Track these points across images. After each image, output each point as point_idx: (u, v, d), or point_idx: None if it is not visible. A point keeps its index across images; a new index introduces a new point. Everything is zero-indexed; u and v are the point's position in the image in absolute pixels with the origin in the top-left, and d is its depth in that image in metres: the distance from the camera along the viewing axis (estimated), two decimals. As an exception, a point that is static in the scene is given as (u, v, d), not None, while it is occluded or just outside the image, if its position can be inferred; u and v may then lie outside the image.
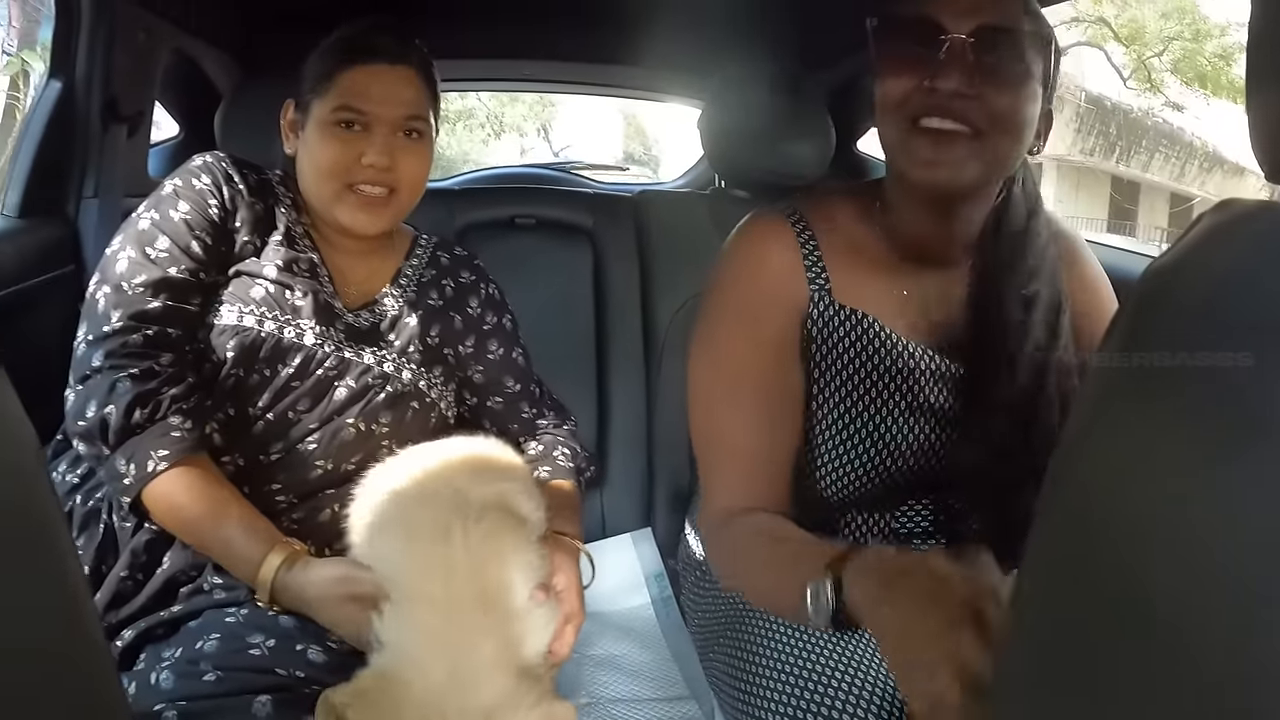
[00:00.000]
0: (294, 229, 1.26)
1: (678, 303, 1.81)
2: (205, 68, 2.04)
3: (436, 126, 1.31)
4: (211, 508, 1.09)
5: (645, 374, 1.82)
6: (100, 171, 1.71)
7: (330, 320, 1.22)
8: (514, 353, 1.39)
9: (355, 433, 1.20)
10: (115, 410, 1.06)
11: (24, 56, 10.86)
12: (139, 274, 1.12)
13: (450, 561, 0.99)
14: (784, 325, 1.12)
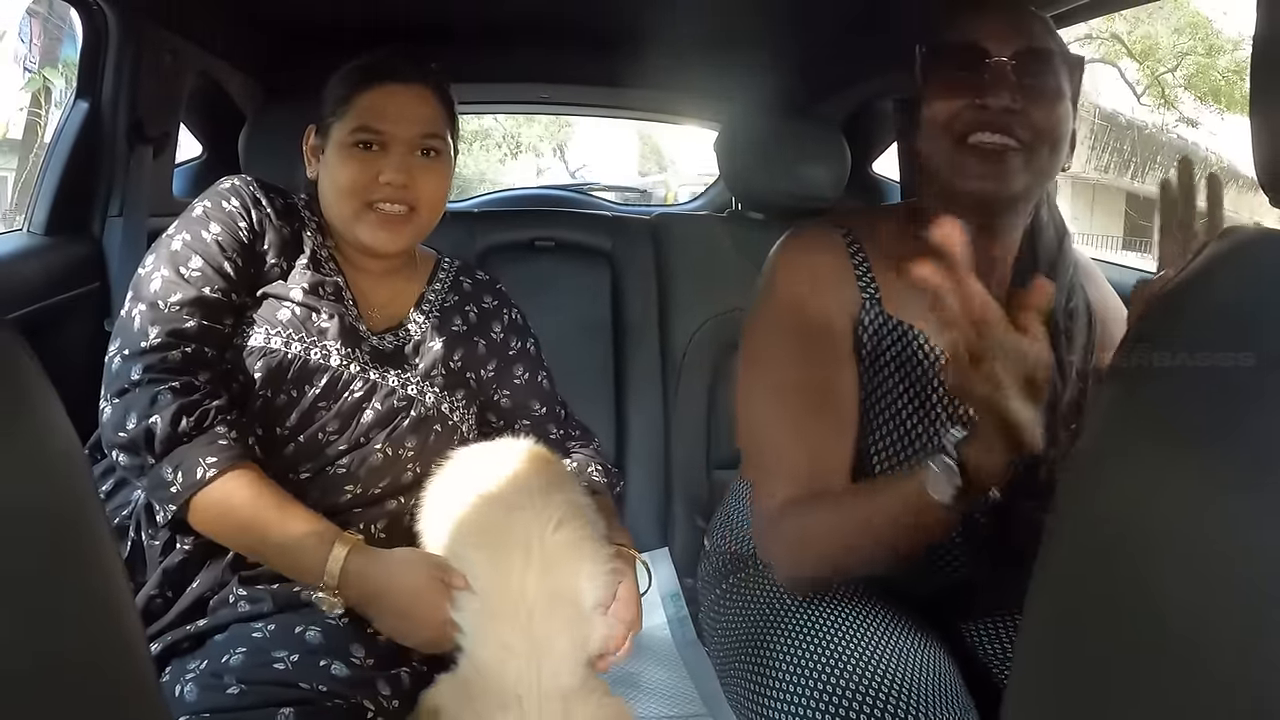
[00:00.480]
0: (319, 252, 1.28)
1: (695, 324, 1.83)
2: (229, 90, 2.06)
3: (455, 147, 1.33)
4: (269, 507, 1.10)
5: (663, 394, 1.83)
6: (126, 191, 1.73)
7: (355, 342, 1.23)
8: (539, 376, 1.41)
9: (383, 457, 1.22)
10: (161, 420, 1.07)
11: (45, 74, 11.01)
12: (174, 293, 1.14)
13: (532, 567, 1.06)
14: (840, 327, 1.14)
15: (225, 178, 1.27)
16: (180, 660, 1.08)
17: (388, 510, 1.24)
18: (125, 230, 1.72)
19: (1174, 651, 0.37)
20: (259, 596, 1.11)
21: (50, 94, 11.33)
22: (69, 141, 1.67)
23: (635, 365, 1.83)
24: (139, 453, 1.08)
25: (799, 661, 1.12)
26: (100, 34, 1.64)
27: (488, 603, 1.06)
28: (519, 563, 1.06)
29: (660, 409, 1.82)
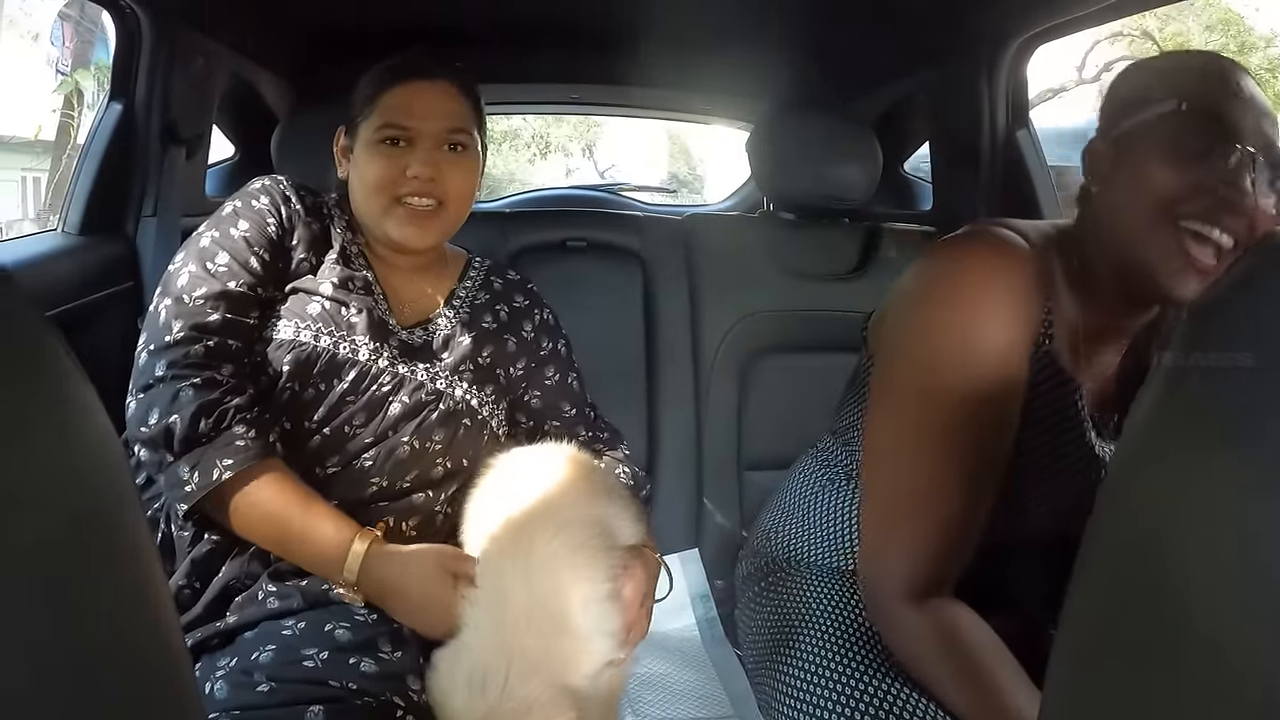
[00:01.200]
0: (349, 248, 1.28)
1: (727, 325, 1.82)
2: (262, 91, 2.08)
3: (483, 143, 1.33)
4: (289, 505, 1.11)
5: (695, 396, 1.82)
6: (159, 192, 1.74)
7: (384, 337, 1.23)
8: (569, 377, 1.41)
9: (410, 450, 1.21)
10: (180, 419, 1.07)
11: (77, 77, 11.15)
12: (199, 287, 1.15)
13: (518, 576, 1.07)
14: (1017, 369, 1.00)
15: (257, 178, 1.28)
16: (210, 657, 1.08)
17: (416, 505, 1.23)
18: (159, 230, 1.74)
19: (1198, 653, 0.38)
20: (288, 593, 1.11)
21: (82, 96, 11.47)
22: (103, 142, 1.68)
23: (666, 366, 1.82)
24: (158, 449, 1.09)
25: (833, 666, 1.10)
26: (133, 37, 1.66)
27: (486, 605, 1.07)
28: (509, 570, 1.08)
29: (692, 410, 1.81)
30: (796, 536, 1.31)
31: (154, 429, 1.08)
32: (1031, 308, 1.00)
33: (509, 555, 1.09)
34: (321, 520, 1.12)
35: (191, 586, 1.13)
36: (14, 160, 13.19)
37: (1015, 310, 0.99)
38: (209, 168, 2.05)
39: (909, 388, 1.03)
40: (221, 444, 1.09)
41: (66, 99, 11.54)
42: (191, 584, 1.13)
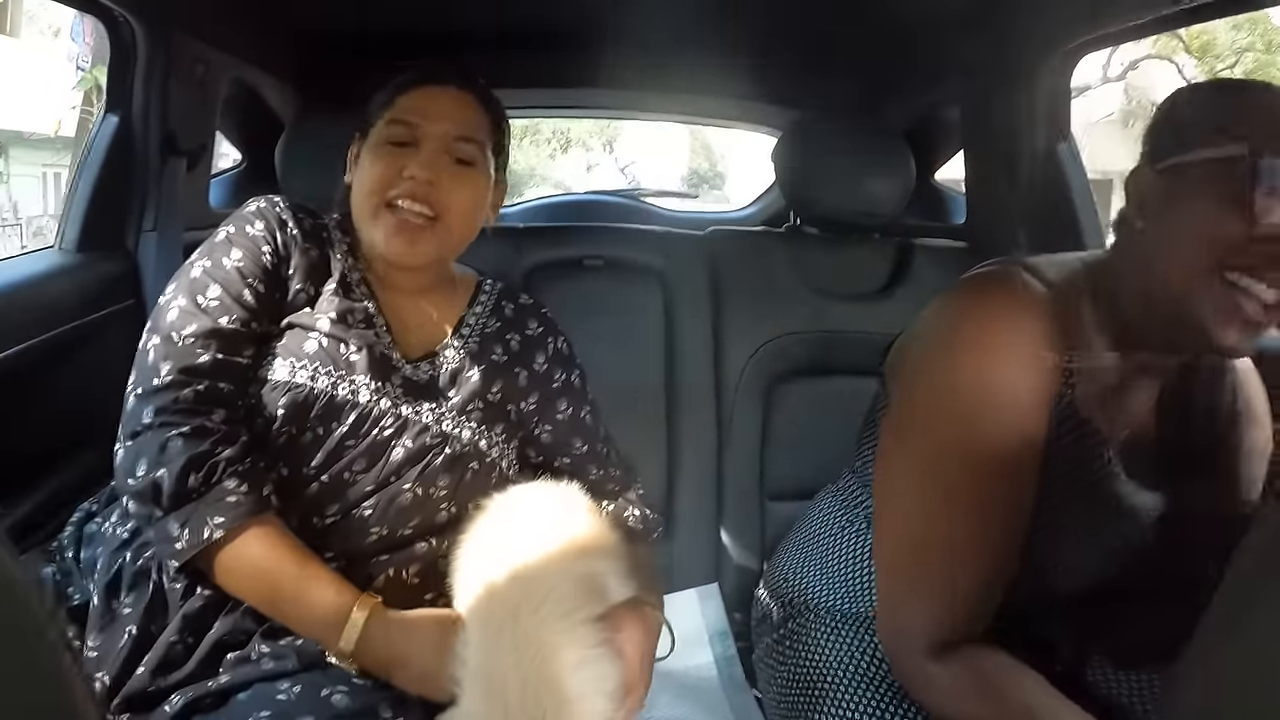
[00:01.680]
0: (349, 276, 1.21)
1: (751, 348, 1.74)
2: (266, 96, 2.03)
3: (500, 164, 1.27)
4: (284, 565, 1.05)
5: (716, 423, 1.74)
6: (160, 205, 1.69)
7: (386, 374, 1.17)
8: (583, 411, 1.34)
9: (412, 497, 1.15)
10: (169, 473, 1.02)
11: (97, 73, 11.20)
12: (189, 324, 1.09)
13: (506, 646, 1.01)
14: (1036, 423, 0.96)
15: (252, 199, 1.21)
16: (203, 718, 1.02)
17: (418, 554, 1.17)
18: (160, 245, 1.69)
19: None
20: (282, 653, 1.05)
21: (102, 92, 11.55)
22: (100, 156, 1.63)
23: (687, 391, 1.75)
24: (147, 503, 1.03)
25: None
26: (128, 47, 1.60)
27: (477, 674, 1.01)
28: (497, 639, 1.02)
29: (713, 436, 1.74)
30: (815, 580, 1.27)
31: (142, 482, 1.02)
32: (1049, 360, 0.96)
33: (496, 622, 1.03)
34: (317, 583, 1.05)
35: (184, 642, 1.06)
36: (35, 156, 13.33)
37: (1031, 364, 0.95)
38: (214, 177, 2.00)
39: (919, 439, 1.01)
40: (212, 500, 1.02)
41: (86, 95, 11.62)
42: (184, 639, 1.06)
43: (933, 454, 0.99)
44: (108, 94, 1.65)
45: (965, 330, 0.99)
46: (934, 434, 0.99)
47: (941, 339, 1.01)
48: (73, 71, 12.10)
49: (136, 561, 1.09)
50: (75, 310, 1.52)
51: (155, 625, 1.06)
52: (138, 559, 1.09)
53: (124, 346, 1.60)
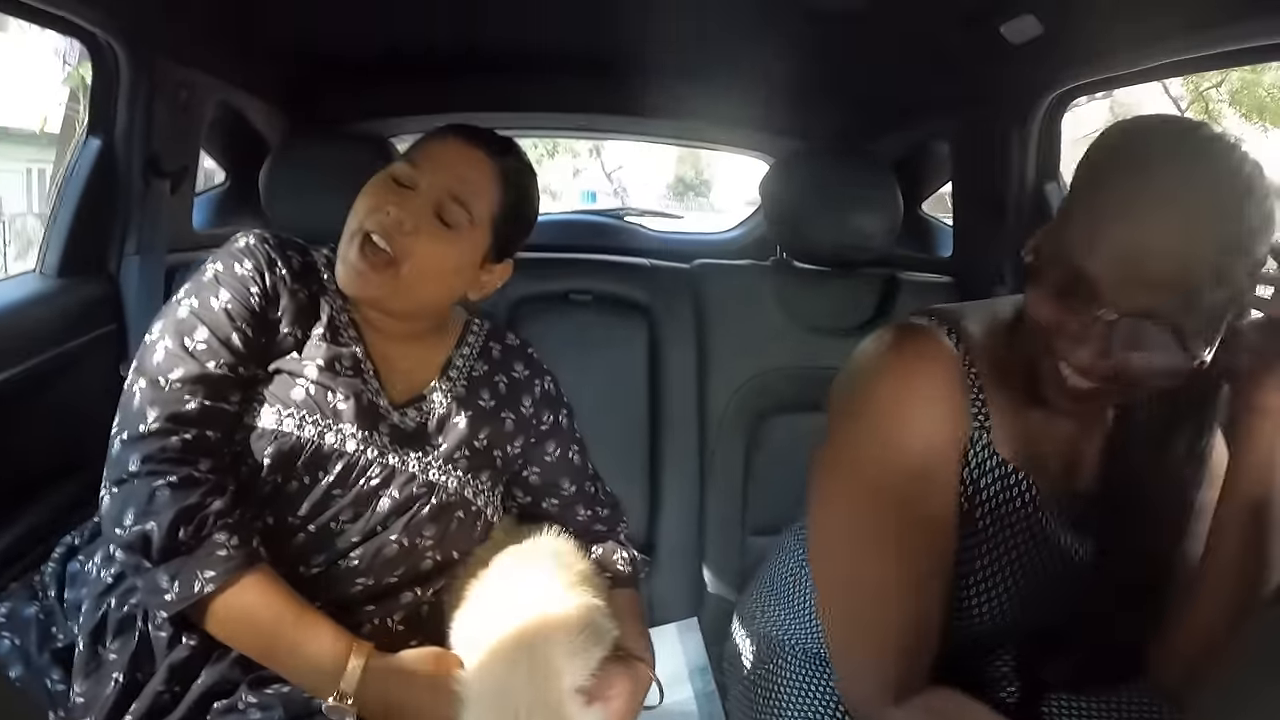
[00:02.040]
0: (338, 318, 1.19)
1: (736, 383, 1.75)
2: (251, 119, 2.01)
3: (496, 246, 1.23)
4: (279, 614, 1.04)
5: (699, 457, 1.74)
6: (142, 228, 1.67)
7: (374, 423, 1.15)
8: (570, 452, 1.33)
9: (399, 548, 1.14)
10: (158, 526, 1.00)
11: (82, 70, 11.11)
12: (176, 368, 1.07)
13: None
14: (946, 467, 0.99)
15: (240, 234, 1.19)
16: None
17: (403, 602, 1.16)
18: (142, 269, 1.67)
19: None
20: (269, 703, 1.04)
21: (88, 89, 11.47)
22: (82, 179, 1.61)
23: (671, 425, 1.75)
24: (135, 553, 1.02)
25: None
26: (111, 71, 1.58)
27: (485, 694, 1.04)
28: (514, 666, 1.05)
29: (696, 471, 1.74)
30: (784, 619, 1.28)
31: (131, 533, 1.01)
32: (956, 410, 0.98)
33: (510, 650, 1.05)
34: (313, 630, 1.04)
35: (171, 691, 1.05)
36: (19, 151, 13.20)
37: (937, 416, 0.97)
38: (198, 195, 1.98)
39: (841, 484, 1.03)
40: (203, 554, 1.01)
41: (72, 92, 11.52)
42: (171, 689, 1.05)
43: (853, 499, 1.01)
44: (90, 117, 1.63)
45: (870, 388, 1.01)
46: (853, 480, 1.01)
47: (856, 386, 1.03)
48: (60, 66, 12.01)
49: (122, 608, 1.08)
50: (56, 335, 1.50)
51: (141, 673, 1.05)
52: (123, 605, 1.08)
53: (105, 371, 1.61)
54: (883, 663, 1.00)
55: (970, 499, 1.01)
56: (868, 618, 1.01)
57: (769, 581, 1.34)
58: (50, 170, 12.79)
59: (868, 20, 1.58)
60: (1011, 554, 1.03)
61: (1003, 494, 1.01)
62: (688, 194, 21.63)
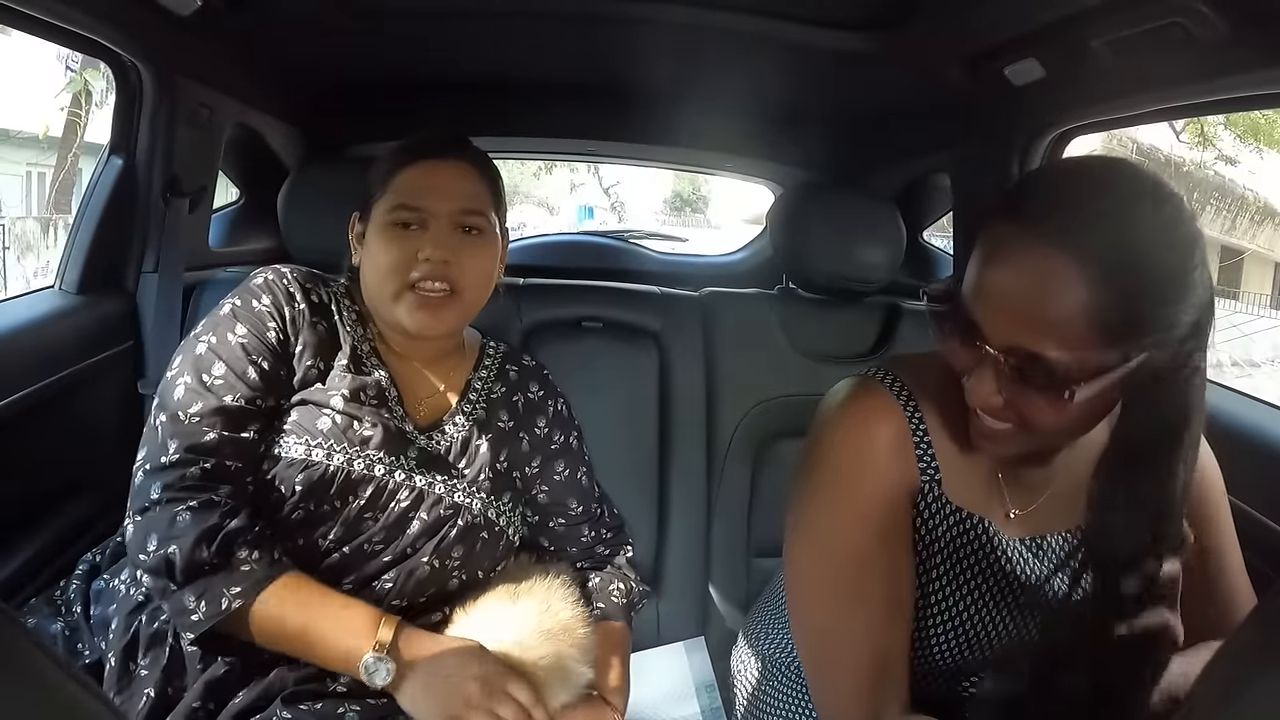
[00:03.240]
0: (360, 348, 1.23)
1: (743, 409, 1.78)
2: (269, 140, 2.03)
3: (503, 226, 1.30)
4: (307, 615, 1.07)
5: (706, 481, 1.77)
6: (161, 246, 1.69)
7: (401, 449, 1.19)
8: (579, 472, 1.37)
9: (430, 569, 1.17)
10: (180, 548, 1.03)
11: (86, 75, 11.12)
12: (195, 403, 1.10)
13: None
14: (898, 516, 1.03)
15: (259, 271, 1.23)
16: None
17: (432, 622, 1.19)
18: (160, 287, 1.69)
19: None
20: (301, 718, 1.06)
21: (90, 96, 11.45)
22: (103, 199, 1.63)
23: (679, 449, 1.77)
24: (161, 577, 1.05)
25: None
26: (134, 91, 1.60)
27: None
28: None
29: (703, 494, 1.77)
30: (786, 638, 1.31)
31: (154, 558, 1.04)
32: (904, 462, 1.02)
33: None
34: (345, 614, 1.08)
35: (206, 709, 1.07)
36: (20, 155, 13.19)
37: (883, 470, 1.02)
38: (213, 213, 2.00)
39: (802, 536, 1.07)
40: (227, 571, 1.04)
41: (75, 97, 11.53)
42: (206, 706, 1.07)
43: (813, 551, 1.06)
44: (112, 137, 1.65)
45: (825, 436, 1.05)
46: (810, 533, 1.06)
47: (812, 442, 1.07)
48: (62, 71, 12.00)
49: (152, 625, 1.11)
50: (75, 353, 1.52)
51: (172, 687, 1.08)
52: (153, 621, 1.11)
53: (123, 387, 1.63)
54: (853, 698, 1.02)
55: (928, 546, 1.05)
56: (834, 656, 1.04)
57: (772, 602, 1.37)
58: (50, 174, 12.80)
59: (873, 59, 1.61)
60: (974, 596, 1.06)
61: (959, 539, 1.05)
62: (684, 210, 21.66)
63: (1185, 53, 1.18)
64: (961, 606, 1.06)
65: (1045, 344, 0.84)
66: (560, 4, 1.56)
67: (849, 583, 1.02)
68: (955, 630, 1.07)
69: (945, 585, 1.06)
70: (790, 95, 2.02)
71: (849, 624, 1.02)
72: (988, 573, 1.06)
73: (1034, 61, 1.41)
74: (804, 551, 1.08)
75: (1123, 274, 0.81)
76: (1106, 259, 0.81)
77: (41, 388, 1.42)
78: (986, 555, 1.05)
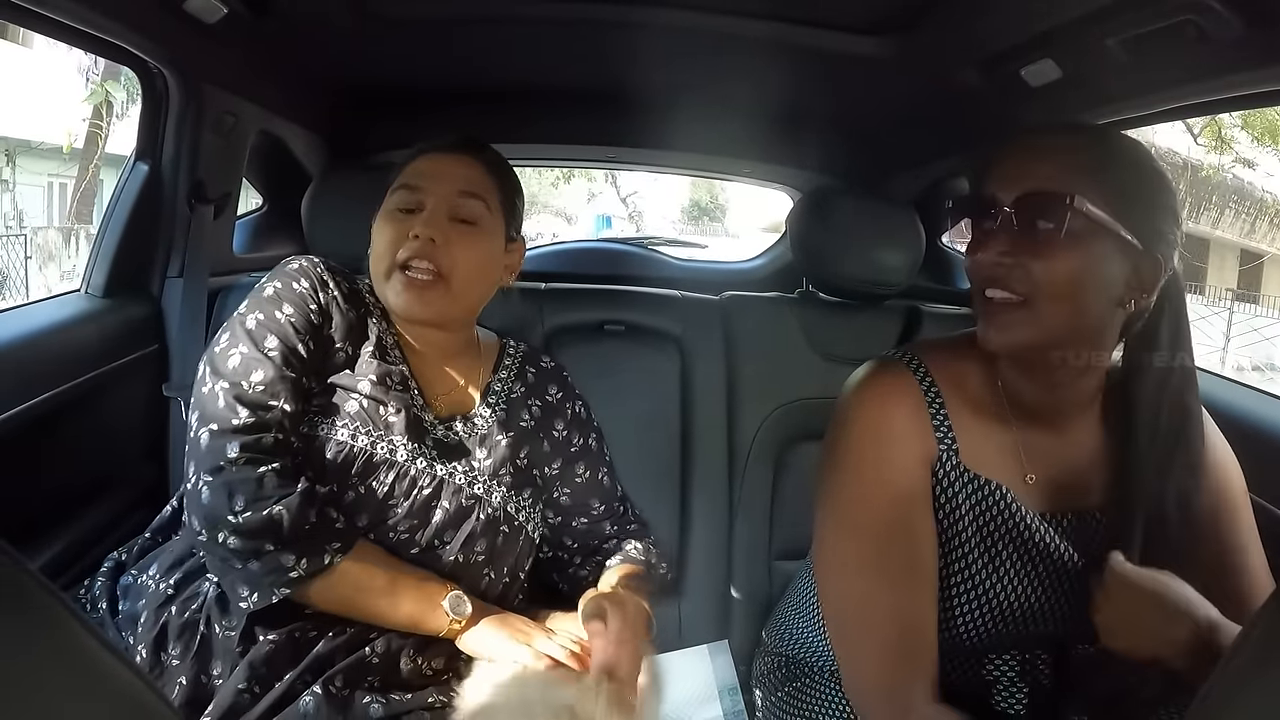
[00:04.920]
0: (385, 339, 1.26)
1: (764, 413, 1.78)
2: (292, 147, 2.05)
3: (510, 225, 1.32)
4: (393, 570, 1.14)
5: (728, 484, 1.77)
6: (186, 252, 1.71)
7: (421, 436, 1.21)
8: (600, 473, 1.38)
9: (455, 563, 1.19)
10: (288, 509, 1.06)
11: (107, 87, 11.25)
12: (256, 370, 1.13)
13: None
14: (918, 485, 1.08)
15: (293, 258, 1.26)
16: None
17: None
18: (185, 291, 1.71)
19: None
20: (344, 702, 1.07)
21: (111, 107, 11.59)
22: (129, 204, 1.65)
23: (701, 453, 1.78)
24: (258, 537, 1.06)
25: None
26: (160, 97, 1.62)
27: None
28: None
29: (725, 497, 1.77)
30: (808, 638, 1.33)
31: (251, 519, 1.06)
32: (922, 434, 1.08)
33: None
34: (419, 575, 1.16)
35: (251, 691, 1.08)
36: (42, 166, 13.34)
37: (901, 442, 1.07)
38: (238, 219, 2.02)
39: (827, 514, 1.13)
40: (323, 528, 1.09)
41: (96, 109, 11.66)
42: (251, 688, 1.08)
43: (839, 523, 1.11)
44: (137, 143, 1.67)
45: (847, 413, 1.11)
46: (837, 505, 1.11)
47: (836, 420, 1.13)
48: (83, 83, 12.14)
49: (183, 615, 1.13)
50: (100, 356, 1.54)
51: (205, 675, 1.10)
52: (183, 613, 1.13)
53: (148, 390, 1.65)
54: (878, 667, 1.06)
55: (949, 515, 1.09)
56: (861, 630, 1.08)
57: (795, 603, 1.38)
58: (71, 185, 12.94)
59: (887, 63, 1.62)
60: (996, 564, 1.09)
61: (979, 505, 1.09)
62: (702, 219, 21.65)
63: (1199, 50, 1.19)
64: (984, 575, 1.09)
65: (1049, 181, 0.97)
66: (580, 10, 1.57)
67: (872, 552, 1.07)
68: (979, 602, 1.09)
69: (967, 554, 1.09)
70: (805, 100, 2.03)
71: (873, 595, 1.07)
72: (1009, 541, 1.09)
73: (1049, 62, 1.41)
74: (829, 524, 1.13)
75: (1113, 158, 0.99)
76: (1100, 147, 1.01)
77: (67, 389, 1.43)
78: (1006, 523, 1.08)
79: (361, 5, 1.53)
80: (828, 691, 1.27)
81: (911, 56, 1.59)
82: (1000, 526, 1.08)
